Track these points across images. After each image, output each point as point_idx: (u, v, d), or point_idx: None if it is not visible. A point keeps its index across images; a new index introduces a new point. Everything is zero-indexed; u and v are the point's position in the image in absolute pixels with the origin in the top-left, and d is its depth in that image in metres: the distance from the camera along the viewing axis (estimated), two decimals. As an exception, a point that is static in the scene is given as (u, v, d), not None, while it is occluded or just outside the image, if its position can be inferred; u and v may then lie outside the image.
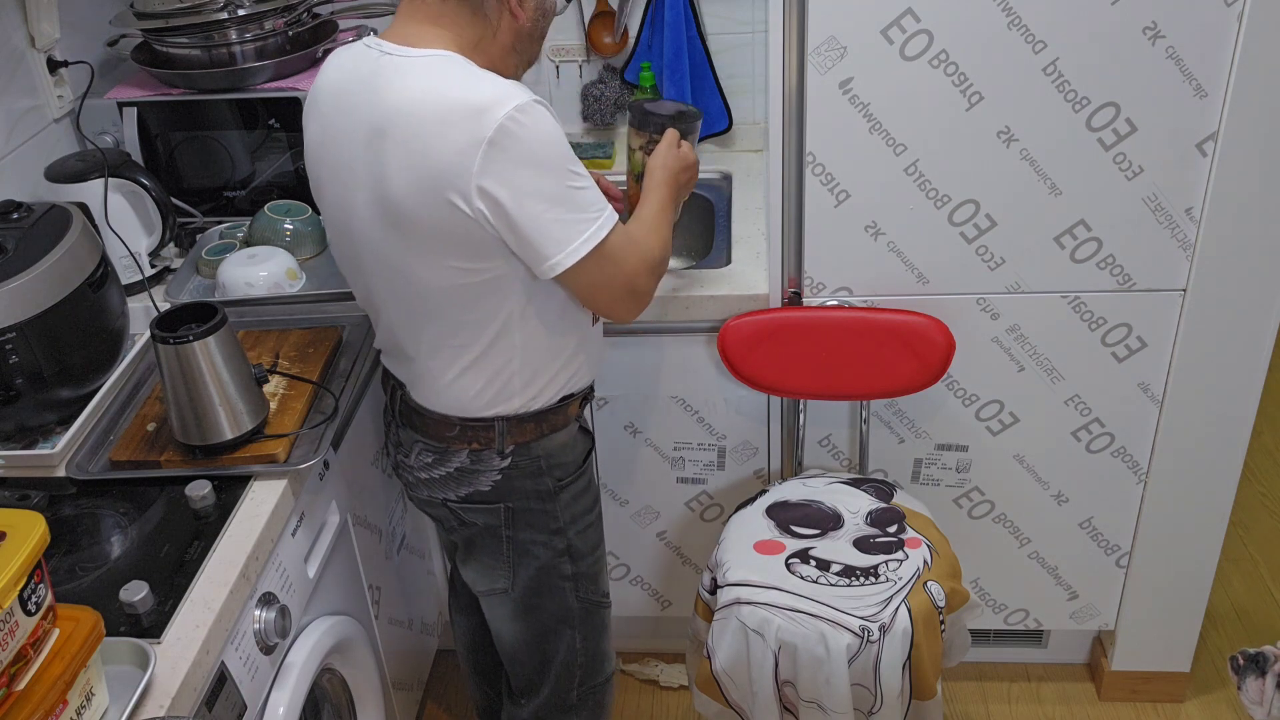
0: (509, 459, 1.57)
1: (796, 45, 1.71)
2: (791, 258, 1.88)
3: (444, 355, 1.50)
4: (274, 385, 1.67)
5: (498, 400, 1.53)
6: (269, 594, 1.43)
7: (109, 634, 1.18)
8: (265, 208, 1.99)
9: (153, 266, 1.94)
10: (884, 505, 1.88)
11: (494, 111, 1.32)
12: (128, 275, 1.88)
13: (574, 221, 1.38)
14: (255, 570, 1.40)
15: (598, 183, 1.53)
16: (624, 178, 1.74)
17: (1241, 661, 1.63)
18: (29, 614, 1.06)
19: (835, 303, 1.90)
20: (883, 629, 1.65)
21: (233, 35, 1.98)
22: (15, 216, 1.61)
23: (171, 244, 1.95)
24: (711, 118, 2.31)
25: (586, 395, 1.66)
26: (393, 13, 2.18)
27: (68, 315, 1.56)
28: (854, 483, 1.93)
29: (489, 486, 1.58)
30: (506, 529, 1.62)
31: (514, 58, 1.51)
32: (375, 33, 2.16)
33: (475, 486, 1.59)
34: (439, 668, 2.39)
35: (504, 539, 1.63)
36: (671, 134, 1.64)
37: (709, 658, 1.75)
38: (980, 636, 2.29)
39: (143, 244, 1.92)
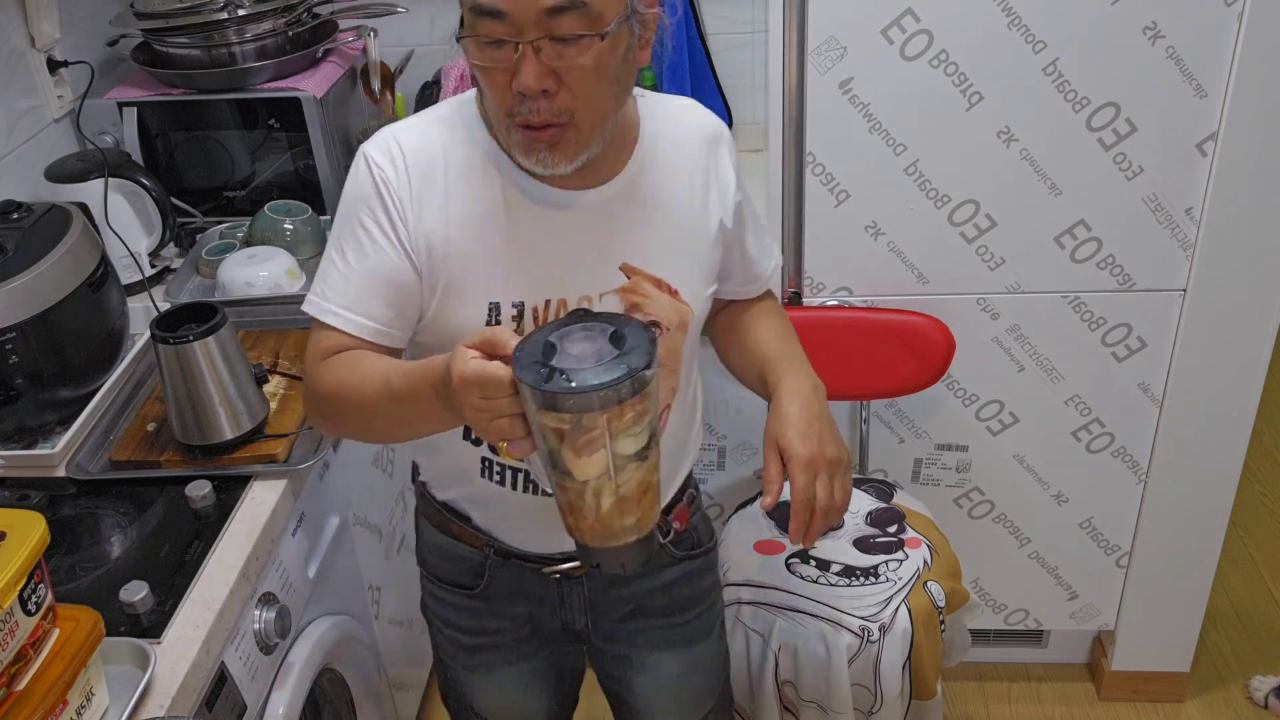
0: (418, 513, 1.48)
1: (796, 45, 1.71)
2: (791, 258, 1.88)
3: None
4: (274, 385, 1.67)
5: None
6: (269, 594, 1.43)
7: (109, 634, 1.17)
8: (265, 208, 1.98)
9: (153, 266, 1.94)
10: (884, 505, 1.88)
11: None
12: (128, 275, 1.88)
13: (317, 279, 1.23)
14: (255, 570, 1.40)
15: None
16: None
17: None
18: (29, 614, 1.06)
19: (835, 303, 1.90)
20: (883, 629, 1.65)
21: (233, 35, 1.97)
22: (15, 216, 1.60)
23: (171, 244, 1.95)
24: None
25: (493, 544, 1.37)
26: (391, 13, 2.18)
27: (68, 315, 1.55)
28: (854, 483, 1.93)
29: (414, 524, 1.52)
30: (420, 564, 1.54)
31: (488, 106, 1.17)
32: (375, 33, 2.15)
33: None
34: (439, 668, 2.38)
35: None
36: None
37: (709, 658, 1.75)
38: (980, 636, 2.29)
39: (143, 244, 1.92)
